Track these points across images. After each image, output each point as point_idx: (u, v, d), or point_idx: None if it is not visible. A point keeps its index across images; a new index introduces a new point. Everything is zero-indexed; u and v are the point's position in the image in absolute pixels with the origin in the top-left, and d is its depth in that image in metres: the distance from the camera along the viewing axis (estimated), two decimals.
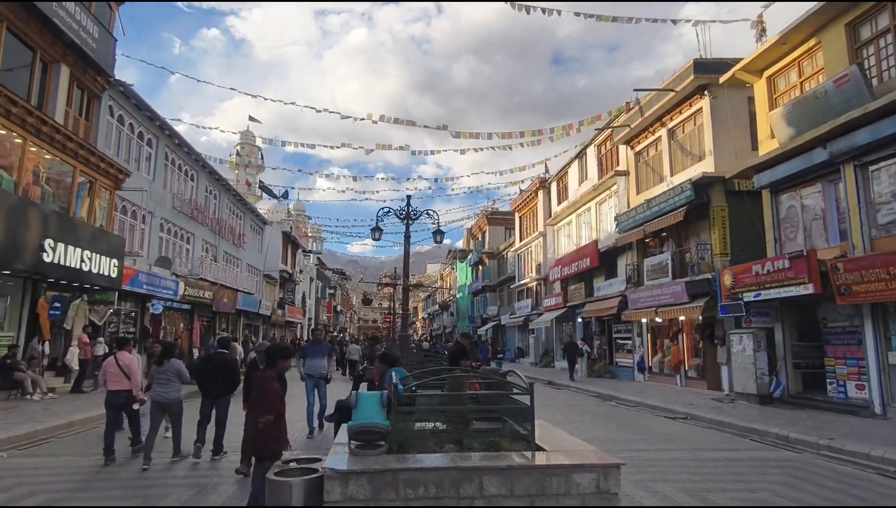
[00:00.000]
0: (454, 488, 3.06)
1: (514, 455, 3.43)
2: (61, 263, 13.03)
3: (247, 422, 4.54)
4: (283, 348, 5.07)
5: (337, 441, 3.82)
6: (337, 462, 3.24)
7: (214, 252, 27.46)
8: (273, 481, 3.23)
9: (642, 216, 18.69)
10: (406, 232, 14.01)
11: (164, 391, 7.35)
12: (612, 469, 3.18)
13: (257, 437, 4.15)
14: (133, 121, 19.45)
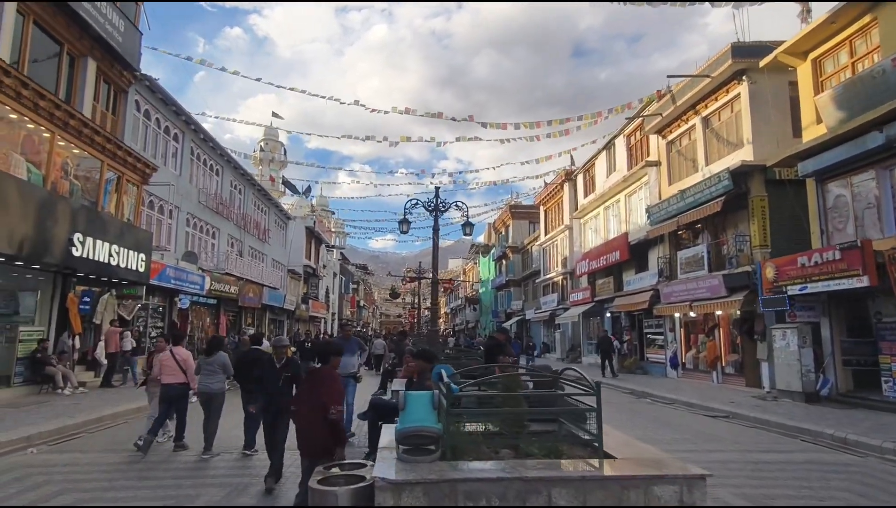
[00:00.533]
0: (519, 500, 2.72)
1: (582, 464, 3.08)
2: (90, 257, 13.01)
3: (302, 419, 4.55)
4: (334, 345, 5.29)
5: (383, 446, 3.50)
6: (386, 469, 2.92)
7: (240, 247, 27.53)
8: (317, 490, 2.93)
9: (676, 208, 18.06)
10: (434, 225, 13.68)
11: (210, 381, 7.76)
12: (697, 481, 2.80)
13: (325, 431, 4.24)
14: (159, 116, 19.47)
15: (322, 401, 4.22)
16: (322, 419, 4.18)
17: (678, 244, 19.60)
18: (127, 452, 7.64)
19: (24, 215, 10.97)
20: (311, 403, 4.32)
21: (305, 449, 4.37)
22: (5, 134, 11.93)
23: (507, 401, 3.54)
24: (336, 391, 4.45)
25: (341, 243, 65.45)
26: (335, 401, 4.31)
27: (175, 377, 7.69)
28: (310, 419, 4.31)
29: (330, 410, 4.20)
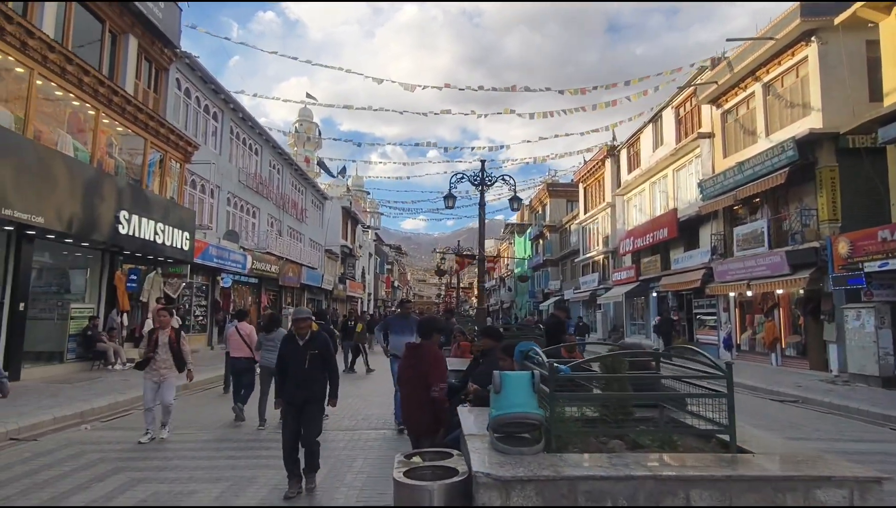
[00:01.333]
0: (651, 501, 2.26)
1: (715, 460, 2.59)
2: (136, 235, 13.00)
3: (405, 395, 4.54)
4: (435, 321, 5.03)
5: (469, 432, 3.08)
6: (484, 462, 2.50)
7: (279, 227, 27.59)
8: (405, 484, 2.54)
9: (732, 181, 17.05)
10: (480, 200, 13.14)
11: (272, 356, 7.91)
12: (871, 484, 2.29)
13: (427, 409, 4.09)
14: (199, 94, 19.38)
15: (424, 378, 4.09)
16: (424, 397, 4.05)
17: (733, 220, 18.59)
18: (178, 430, 7.51)
19: (73, 192, 10.95)
20: (413, 379, 4.25)
21: (410, 426, 4.40)
22: (52, 112, 11.92)
23: (613, 384, 3.07)
24: (439, 367, 4.21)
25: (376, 223, 65.50)
26: (437, 378, 4.10)
27: (241, 351, 8.35)
28: (412, 396, 4.26)
29: (432, 387, 4.03)
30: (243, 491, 4.95)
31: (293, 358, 5.00)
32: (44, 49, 10.41)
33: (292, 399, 4.94)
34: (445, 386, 4.16)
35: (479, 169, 12.91)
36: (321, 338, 5.14)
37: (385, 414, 8.74)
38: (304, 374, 4.95)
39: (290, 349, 5.07)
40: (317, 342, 5.08)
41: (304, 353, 5.00)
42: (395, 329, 7.84)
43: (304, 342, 5.07)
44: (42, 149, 10.42)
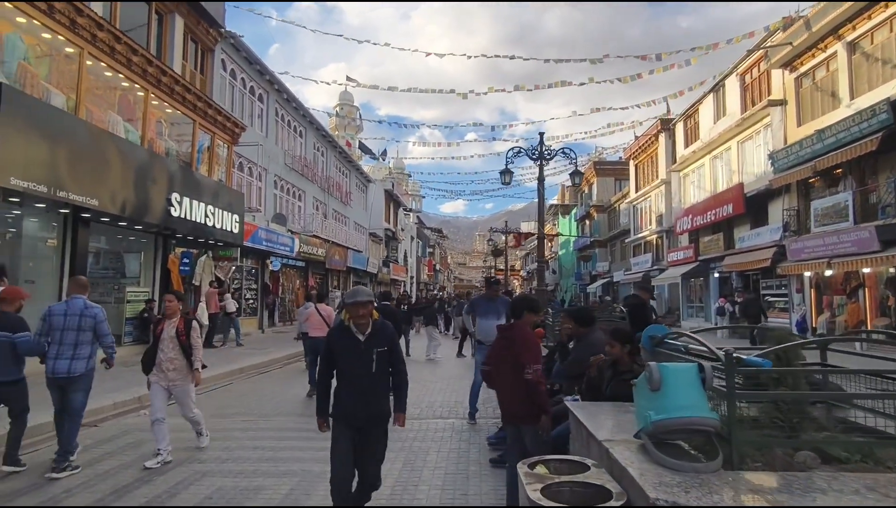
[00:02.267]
0: None
1: None
2: (187, 218, 12.87)
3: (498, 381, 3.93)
4: (530, 300, 4.30)
5: (605, 437, 2.48)
6: (652, 482, 1.89)
7: (324, 210, 27.46)
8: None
9: (810, 151, 15.68)
10: (539, 174, 12.41)
11: None
12: None
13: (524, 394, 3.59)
14: (245, 76, 19.18)
15: (518, 360, 3.62)
16: (520, 382, 3.59)
17: (808, 194, 17.19)
18: (237, 417, 7.22)
19: (125, 174, 10.80)
20: (506, 363, 3.76)
21: (509, 415, 3.89)
22: (102, 93, 11.79)
23: (786, 379, 2.41)
24: (532, 348, 3.69)
25: (417, 206, 65.32)
26: (532, 359, 3.60)
27: (321, 331, 8.44)
28: (507, 382, 3.78)
29: (527, 369, 3.55)
30: (314, 489, 4.50)
31: (351, 359, 3.52)
32: (92, 27, 10.19)
33: (351, 418, 3.51)
34: (540, 367, 3.63)
35: (538, 142, 12.14)
36: (388, 331, 3.66)
37: (448, 402, 8.25)
38: (369, 382, 3.51)
39: (346, 347, 3.53)
40: (383, 337, 3.59)
41: (369, 352, 3.49)
42: (481, 312, 7.05)
43: (366, 337, 3.53)
44: (95, 130, 10.27)
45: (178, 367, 5.30)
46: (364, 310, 3.50)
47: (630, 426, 2.80)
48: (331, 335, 3.82)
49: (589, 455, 2.87)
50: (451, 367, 12.27)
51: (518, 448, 3.68)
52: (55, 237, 10.71)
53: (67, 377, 4.90)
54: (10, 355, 4.75)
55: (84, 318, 5.00)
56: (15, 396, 4.85)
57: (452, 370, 11.80)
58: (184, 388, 5.39)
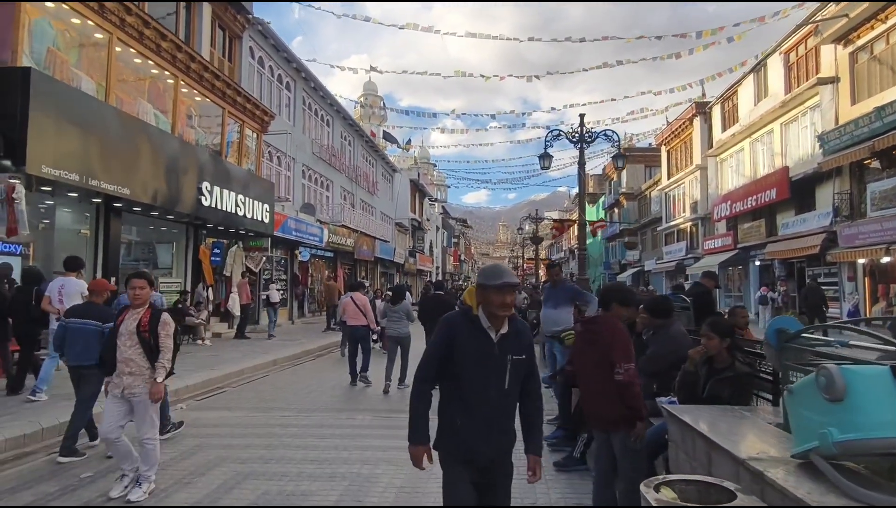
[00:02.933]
0: None
1: None
2: (218, 207, 12.65)
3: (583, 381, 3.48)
4: (621, 290, 3.62)
5: (751, 457, 2.01)
6: None
7: (352, 200, 27.22)
8: None
9: (867, 130, 14.74)
10: (580, 158, 11.84)
11: (398, 327, 8.42)
12: None
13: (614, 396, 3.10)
14: (272, 63, 18.91)
15: (605, 357, 3.14)
16: (609, 382, 3.11)
17: (863, 176, 16.24)
18: (276, 411, 6.92)
19: (156, 162, 10.59)
20: (592, 362, 3.26)
21: (594, 419, 3.39)
22: (132, 80, 11.59)
23: None
24: (623, 344, 3.14)
25: (442, 196, 64.81)
26: (622, 356, 3.08)
27: (357, 320, 8.76)
28: (593, 384, 3.29)
29: (617, 368, 3.06)
30: (366, 495, 4.14)
31: (478, 367, 2.42)
32: (121, 11, 9.95)
33: (472, 454, 2.44)
34: (633, 366, 3.11)
35: (580, 123, 11.55)
36: (527, 334, 2.58)
37: None
38: (501, 403, 2.46)
39: (475, 348, 2.43)
40: (522, 341, 2.50)
41: (503, 360, 2.43)
42: (547, 302, 6.48)
43: (499, 338, 2.44)
44: (126, 118, 10.05)
45: (136, 371, 4.08)
46: (511, 298, 2.41)
47: (764, 439, 2.34)
48: (452, 325, 2.50)
49: (707, 471, 2.42)
50: None
51: (606, 456, 3.25)
52: (88, 227, 10.58)
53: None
54: (97, 343, 4.80)
55: None
56: (92, 379, 4.85)
57: None
58: (142, 400, 4.07)
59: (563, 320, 6.16)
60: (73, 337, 4.92)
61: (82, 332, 4.90)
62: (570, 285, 6.50)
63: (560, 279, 6.56)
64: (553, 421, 6.15)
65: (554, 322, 6.23)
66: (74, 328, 4.93)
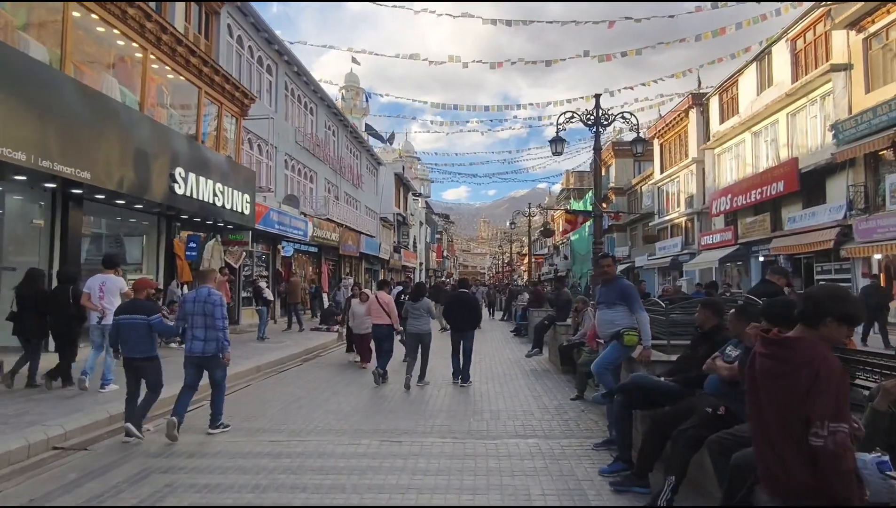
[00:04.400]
0: None
1: None
2: (193, 196, 11.36)
3: (758, 432, 2.26)
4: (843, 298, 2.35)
5: None
6: None
7: (336, 192, 25.94)
8: None
9: (886, 118, 14.05)
10: (596, 143, 10.85)
11: (418, 323, 8.36)
12: None
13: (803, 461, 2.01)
14: (252, 44, 17.55)
15: (797, 404, 2.02)
16: (797, 440, 2.03)
17: (878, 168, 15.58)
18: (264, 434, 5.77)
19: (122, 143, 9.29)
20: (772, 402, 2.13)
21: (770, 483, 2.22)
22: (94, 51, 10.25)
23: None
24: (829, 390, 1.98)
25: (426, 191, 63.59)
26: (827, 411, 1.96)
27: (381, 318, 8.71)
28: (768, 431, 2.16)
29: (815, 428, 1.96)
30: None
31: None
32: None
33: None
34: (844, 427, 1.97)
35: (595, 105, 10.53)
36: None
37: (524, 411, 6.78)
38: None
39: None
40: None
41: None
42: (600, 302, 5.45)
43: None
44: (86, 91, 8.71)
45: None
46: None
47: None
48: None
49: None
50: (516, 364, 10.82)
51: None
52: (42, 218, 9.25)
53: (202, 355, 5.66)
54: (147, 335, 5.51)
55: (207, 304, 5.65)
56: (151, 371, 5.57)
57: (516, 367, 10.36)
58: None
59: (620, 320, 5.14)
60: (125, 333, 5.49)
61: (133, 327, 5.47)
62: (625, 282, 5.41)
63: (613, 275, 5.47)
64: (602, 446, 5.13)
65: (610, 323, 5.19)
66: (125, 324, 5.49)
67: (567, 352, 8.91)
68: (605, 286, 5.40)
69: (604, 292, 5.37)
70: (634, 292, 5.21)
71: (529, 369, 10.17)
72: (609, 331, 5.22)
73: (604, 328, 5.29)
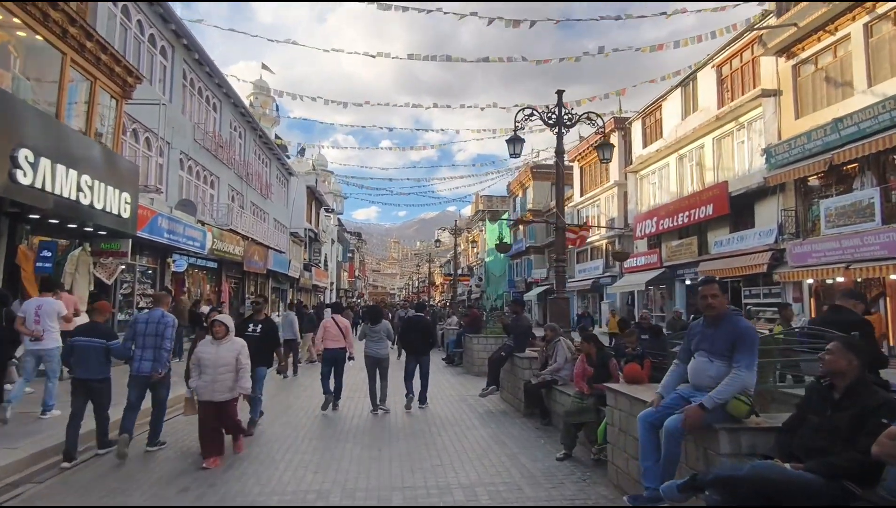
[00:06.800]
0: None
1: None
2: (48, 189, 8.59)
3: None
4: None
5: None
6: None
7: (241, 201, 23.03)
8: None
9: (821, 143, 14.05)
10: (558, 146, 9.47)
11: (377, 347, 8.36)
12: None
13: None
14: (142, 17, 14.74)
15: None
16: None
17: (807, 193, 15.67)
18: None
19: None
20: None
21: None
22: None
23: None
24: None
25: (339, 207, 60.73)
26: None
27: (337, 342, 8.42)
28: None
29: None
30: None
31: None
32: None
33: None
34: None
35: (557, 102, 9.15)
36: None
37: (493, 480, 4.96)
38: None
39: None
40: None
41: None
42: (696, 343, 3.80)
43: None
44: None
45: None
46: None
47: None
48: None
49: None
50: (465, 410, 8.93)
51: None
52: None
53: (149, 375, 5.81)
54: (105, 358, 5.76)
55: (159, 326, 5.89)
56: (105, 392, 5.77)
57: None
58: None
59: (720, 379, 3.52)
60: (83, 354, 5.64)
61: (91, 349, 5.66)
62: (743, 322, 3.70)
63: (722, 310, 3.73)
64: None
65: (714, 381, 3.55)
66: (84, 346, 5.65)
67: (534, 392, 7.25)
68: (711, 326, 3.74)
69: (709, 335, 3.70)
70: (754, 338, 3.59)
71: (483, 410, 8.40)
72: (704, 383, 3.59)
73: (699, 377, 3.66)
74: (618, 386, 4.73)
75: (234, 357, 5.64)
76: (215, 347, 5.65)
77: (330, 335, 8.54)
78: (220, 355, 5.60)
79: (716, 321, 3.70)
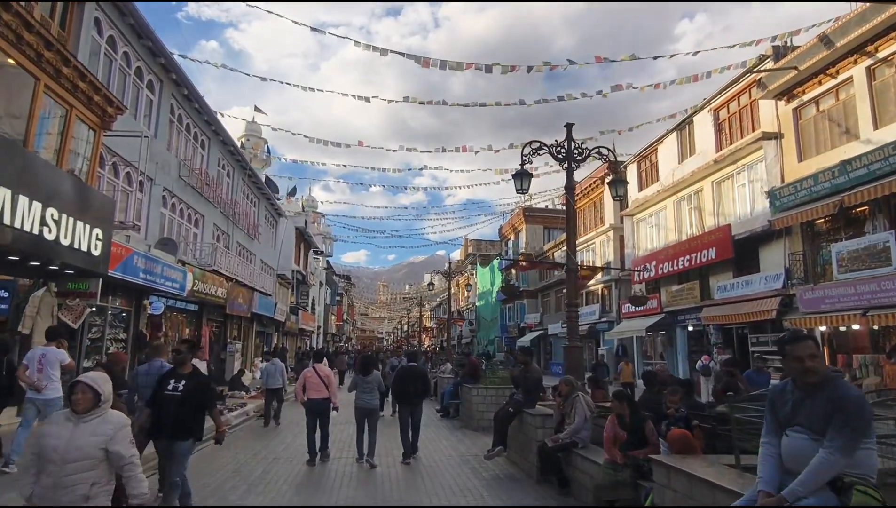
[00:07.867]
0: None
1: None
2: (6, 221, 7.75)
3: None
4: None
5: None
6: None
7: (227, 241, 22.16)
8: None
9: (829, 185, 13.63)
10: (568, 182, 8.88)
11: (369, 398, 8.06)
12: None
13: None
14: (129, 49, 14.24)
15: None
16: None
17: (815, 236, 15.18)
18: None
19: None
20: None
21: None
22: None
23: None
24: None
25: (328, 249, 59.90)
26: None
27: (320, 392, 8.11)
28: None
29: None
30: None
31: None
32: None
33: None
34: None
35: (566, 136, 8.59)
36: None
37: None
38: None
39: None
40: None
41: None
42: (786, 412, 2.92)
43: None
44: None
45: None
46: None
47: None
48: None
49: None
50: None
51: None
52: None
53: None
54: None
55: None
56: None
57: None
58: None
59: (836, 461, 2.68)
60: None
61: None
62: (852, 391, 2.75)
63: (823, 373, 2.82)
64: None
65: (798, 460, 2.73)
66: None
67: (551, 457, 6.32)
68: (807, 393, 2.89)
69: (807, 406, 2.85)
70: (857, 411, 2.76)
71: (489, 475, 7.39)
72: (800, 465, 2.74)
73: (792, 460, 2.81)
74: (670, 460, 3.87)
75: (98, 447, 3.18)
76: (69, 426, 3.21)
77: (311, 384, 8.18)
78: (73, 441, 3.14)
79: (815, 389, 2.85)
